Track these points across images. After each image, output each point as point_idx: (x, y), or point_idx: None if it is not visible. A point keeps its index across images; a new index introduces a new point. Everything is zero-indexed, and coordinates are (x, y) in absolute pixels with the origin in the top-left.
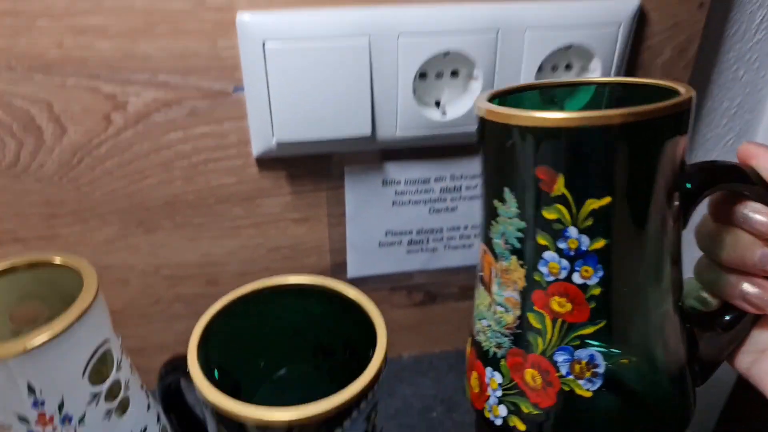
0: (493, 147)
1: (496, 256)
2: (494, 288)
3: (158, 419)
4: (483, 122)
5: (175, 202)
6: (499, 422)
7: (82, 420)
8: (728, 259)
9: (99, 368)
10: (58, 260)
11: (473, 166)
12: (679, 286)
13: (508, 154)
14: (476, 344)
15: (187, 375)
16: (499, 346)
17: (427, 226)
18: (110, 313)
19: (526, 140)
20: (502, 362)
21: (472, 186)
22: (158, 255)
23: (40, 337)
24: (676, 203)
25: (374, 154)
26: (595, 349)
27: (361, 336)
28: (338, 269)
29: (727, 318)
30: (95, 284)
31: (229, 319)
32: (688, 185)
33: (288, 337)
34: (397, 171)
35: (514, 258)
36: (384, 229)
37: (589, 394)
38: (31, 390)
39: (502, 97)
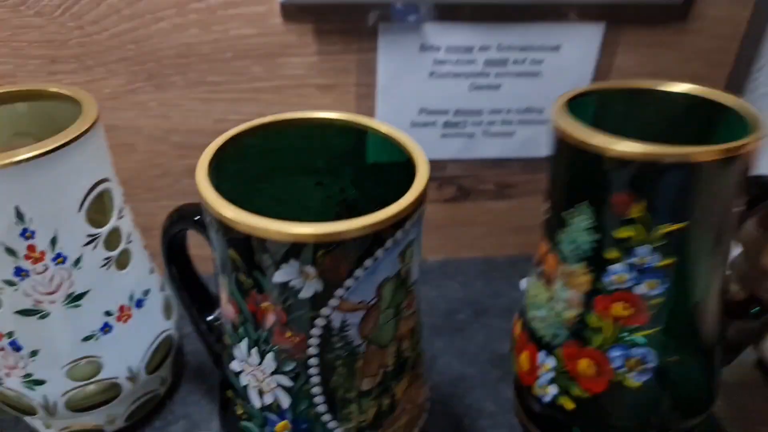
0: (571, 163)
1: (562, 259)
2: (556, 286)
3: (162, 288)
4: (563, 140)
5: (188, 53)
6: (547, 399)
7: (77, 263)
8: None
9: (97, 210)
10: (54, 89)
11: (524, 36)
12: (725, 280)
13: (590, 175)
14: (529, 329)
15: (194, 224)
16: (555, 336)
17: (466, 106)
18: None
19: (611, 167)
20: (557, 350)
21: (521, 60)
22: (168, 117)
23: (30, 152)
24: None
25: (414, 9)
26: (648, 349)
27: (394, 189)
28: None
29: (754, 310)
30: (95, 112)
31: (245, 150)
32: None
33: (310, 190)
34: (438, 34)
35: (582, 264)
36: (418, 106)
37: (637, 385)
38: (19, 216)
39: (575, 100)
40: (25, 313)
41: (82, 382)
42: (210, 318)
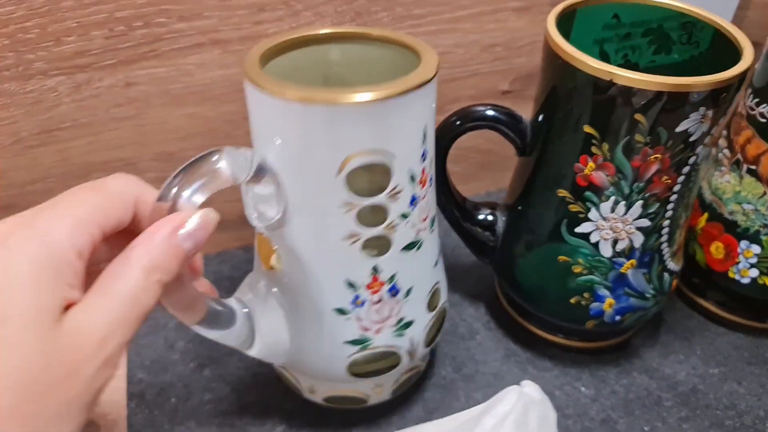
0: None
1: None
2: None
3: None
4: None
5: None
6: (746, 281)
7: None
8: None
9: None
10: (394, 37)
11: None
12: None
13: None
14: (724, 221)
15: (491, 121)
16: (764, 226)
17: None
18: None
19: None
20: (765, 238)
21: None
22: None
23: (393, 88)
24: None
25: None
26: None
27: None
28: None
29: None
30: (436, 60)
31: None
32: None
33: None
34: None
35: None
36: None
37: None
38: (423, 137)
39: None
40: (408, 247)
41: (432, 313)
42: (481, 217)
